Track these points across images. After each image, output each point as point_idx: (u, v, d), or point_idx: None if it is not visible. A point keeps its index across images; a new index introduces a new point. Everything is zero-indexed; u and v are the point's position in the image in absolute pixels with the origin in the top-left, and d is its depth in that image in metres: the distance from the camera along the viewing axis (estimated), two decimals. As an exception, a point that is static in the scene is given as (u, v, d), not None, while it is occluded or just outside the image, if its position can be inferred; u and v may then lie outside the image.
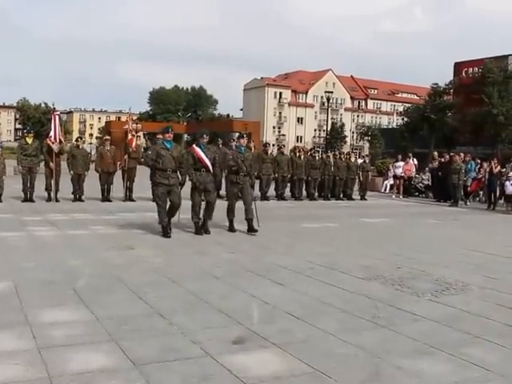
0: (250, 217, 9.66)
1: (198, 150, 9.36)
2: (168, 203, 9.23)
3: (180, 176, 9.25)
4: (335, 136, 76.65)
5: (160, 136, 10.54)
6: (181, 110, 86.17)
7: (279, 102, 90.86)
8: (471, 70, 48.09)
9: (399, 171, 21.62)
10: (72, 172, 14.38)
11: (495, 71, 40.22)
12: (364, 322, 4.69)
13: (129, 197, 15.12)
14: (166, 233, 8.95)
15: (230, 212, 9.88)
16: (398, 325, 4.66)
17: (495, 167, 18.06)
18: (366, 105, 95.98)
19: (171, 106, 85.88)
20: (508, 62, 44.87)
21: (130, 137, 15.57)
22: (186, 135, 58.42)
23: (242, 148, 10.12)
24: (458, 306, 5.33)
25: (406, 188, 21.67)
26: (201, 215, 9.42)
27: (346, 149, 53.20)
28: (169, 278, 6.04)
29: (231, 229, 9.87)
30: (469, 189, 19.92)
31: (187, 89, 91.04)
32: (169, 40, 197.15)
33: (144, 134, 75.45)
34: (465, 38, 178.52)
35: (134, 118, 59.74)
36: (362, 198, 19.61)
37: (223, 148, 15.11)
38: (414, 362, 3.80)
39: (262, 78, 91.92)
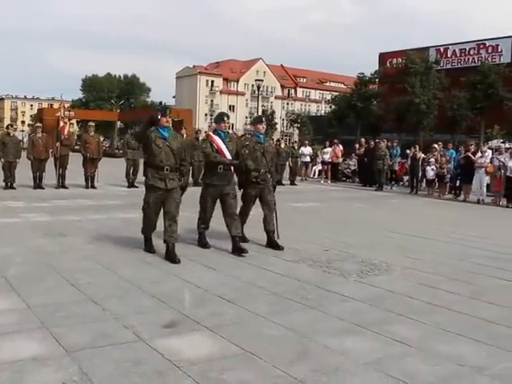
0: (271, 228, 7.52)
1: (216, 139, 7.19)
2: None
3: (181, 176, 6.77)
4: (266, 123, 77.05)
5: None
6: (114, 97, 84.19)
7: (211, 89, 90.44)
8: (395, 60, 49.70)
9: (327, 157, 22.12)
10: (3, 160, 14.20)
11: (417, 62, 41.72)
12: (293, 304, 4.83)
13: (61, 184, 15.04)
14: (149, 246, 6.87)
15: (244, 216, 7.67)
16: (325, 305, 4.83)
17: (417, 153, 18.84)
18: (296, 93, 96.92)
19: (104, 93, 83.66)
20: (429, 53, 46.61)
21: (61, 124, 15.49)
22: (118, 123, 57.22)
23: (261, 136, 7.69)
24: (382, 286, 5.58)
25: (334, 173, 22.22)
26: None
27: (276, 135, 53.70)
28: (101, 265, 5.99)
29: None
30: (397, 172, 20.84)
31: (120, 76, 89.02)
32: (100, 28, 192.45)
33: (77, 122, 73.54)
34: (389, 29, 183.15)
35: (67, 105, 58.11)
36: (292, 183, 19.97)
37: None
38: (340, 341, 3.96)
39: (194, 66, 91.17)
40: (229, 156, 7.14)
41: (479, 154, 16.78)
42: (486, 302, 5.22)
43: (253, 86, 73.23)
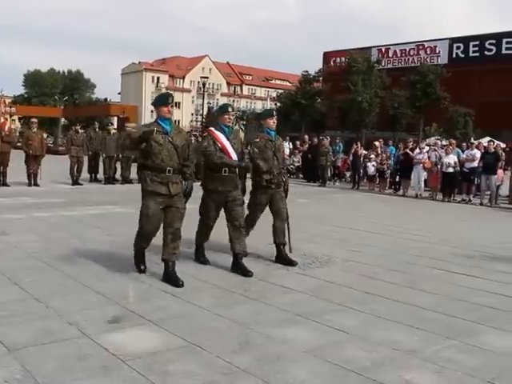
0: (281, 240, 6.56)
1: (219, 135, 6.03)
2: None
3: (185, 180, 5.59)
4: (212, 120, 77.34)
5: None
6: (57, 93, 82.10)
7: (157, 86, 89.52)
8: (339, 59, 50.64)
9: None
10: None
11: (360, 61, 42.56)
12: (237, 296, 4.94)
13: (2, 182, 14.67)
14: (140, 262, 5.76)
15: (249, 226, 6.58)
16: (268, 297, 4.96)
17: (359, 150, 19.33)
18: (242, 90, 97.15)
19: (47, 89, 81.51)
20: (371, 53, 47.67)
21: (2, 120, 15.08)
22: (62, 119, 55.95)
23: (272, 133, 6.61)
24: (323, 278, 5.77)
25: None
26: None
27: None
28: (45, 263, 5.95)
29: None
30: (340, 168, 21.34)
31: (64, 72, 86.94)
32: (44, 22, 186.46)
33: (19, 118, 71.31)
34: (334, 29, 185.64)
35: (8, 101, 56.31)
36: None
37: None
38: (282, 331, 4.09)
39: (139, 62, 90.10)
40: (234, 156, 6.01)
41: (417, 151, 17.33)
42: (421, 290, 5.49)
43: (199, 82, 72.80)
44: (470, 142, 17.89)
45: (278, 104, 50.03)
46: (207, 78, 43.73)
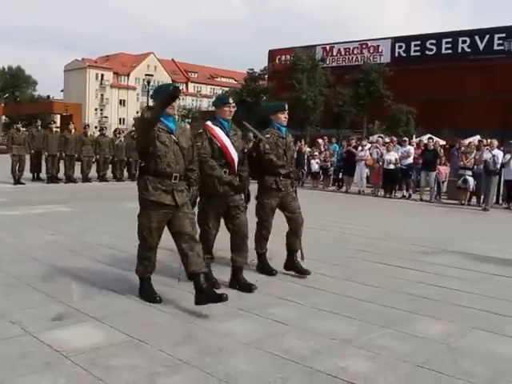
0: (295, 247, 5.96)
1: (218, 132, 5.21)
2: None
3: (190, 187, 4.86)
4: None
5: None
6: (-3, 90, 79.74)
7: (101, 83, 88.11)
8: (284, 57, 51.07)
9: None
10: None
11: (304, 59, 43.02)
12: (181, 293, 4.99)
13: None
14: (150, 292, 4.84)
15: (263, 239, 5.99)
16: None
17: (303, 147, 19.64)
18: (187, 88, 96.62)
19: (-14, 86, 79.14)
20: (316, 51, 48.28)
21: None
22: (3, 117, 54.24)
23: (284, 129, 5.98)
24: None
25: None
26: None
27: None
28: (-15, 264, 5.86)
29: (266, 269, 5.96)
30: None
31: (4, 68, 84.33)
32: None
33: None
34: (279, 27, 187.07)
35: None
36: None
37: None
38: (224, 324, 4.20)
39: (82, 59, 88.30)
40: (235, 156, 5.25)
41: (360, 148, 17.75)
42: (361, 283, 5.69)
43: (144, 80, 72.21)
44: (403, 140, 18.39)
45: (224, 102, 50.13)
46: (152, 75, 43.40)
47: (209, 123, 5.25)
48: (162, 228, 4.69)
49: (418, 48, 52.10)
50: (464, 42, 50.11)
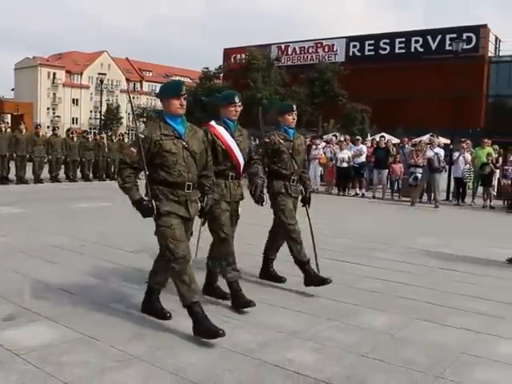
0: (304, 257, 5.49)
1: (223, 133, 4.78)
2: None
3: (204, 195, 4.40)
4: (111, 117, 76.06)
5: None
6: None
7: (53, 82, 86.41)
8: (239, 56, 51.23)
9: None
10: None
11: (259, 58, 43.24)
12: (134, 291, 5.05)
13: None
14: (158, 307, 4.45)
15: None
16: (164, 289, 5.10)
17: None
18: (142, 87, 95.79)
19: None
20: (271, 50, 48.65)
21: None
22: None
23: (291, 131, 5.58)
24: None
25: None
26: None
27: (122, 130, 52.83)
28: None
29: (277, 277, 5.74)
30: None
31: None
32: None
33: None
34: (235, 25, 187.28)
35: None
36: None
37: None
38: (176, 321, 4.26)
39: (34, 57, 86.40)
40: (241, 159, 4.86)
41: (314, 147, 18.01)
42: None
43: (97, 79, 71.38)
44: (356, 138, 18.73)
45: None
46: (105, 74, 42.99)
47: (212, 123, 4.82)
48: (184, 235, 4.11)
49: (372, 47, 53.16)
50: (417, 41, 51.38)
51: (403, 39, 51.78)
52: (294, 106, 5.67)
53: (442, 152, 15.00)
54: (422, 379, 3.39)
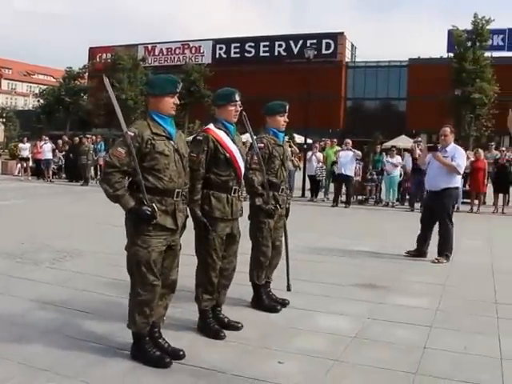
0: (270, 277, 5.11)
1: (223, 137, 4.22)
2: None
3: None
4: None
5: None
6: None
7: None
8: (105, 55, 50.34)
9: (26, 153, 21.39)
10: None
11: (125, 59, 42.85)
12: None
13: None
14: (153, 349, 3.66)
15: (261, 269, 4.89)
16: (16, 291, 5.22)
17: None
18: (0, 85, 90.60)
19: None
20: (138, 50, 48.34)
21: None
22: None
23: (281, 135, 5.06)
24: (72, 269, 6.20)
25: (34, 169, 21.59)
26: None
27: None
28: None
29: (270, 306, 4.90)
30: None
31: None
32: None
33: None
34: (102, 24, 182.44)
35: None
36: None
37: None
38: (26, 317, 4.45)
39: None
40: (242, 165, 4.30)
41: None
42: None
43: None
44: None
45: (41, 101, 48.00)
46: (-42, 71, 40.35)
47: (211, 127, 4.24)
48: (161, 262, 3.65)
49: (238, 50, 54.61)
50: (280, 46, 53.50)
51: (267, 43, 53.68)
52: (287, 106, 5.09)
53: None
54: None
